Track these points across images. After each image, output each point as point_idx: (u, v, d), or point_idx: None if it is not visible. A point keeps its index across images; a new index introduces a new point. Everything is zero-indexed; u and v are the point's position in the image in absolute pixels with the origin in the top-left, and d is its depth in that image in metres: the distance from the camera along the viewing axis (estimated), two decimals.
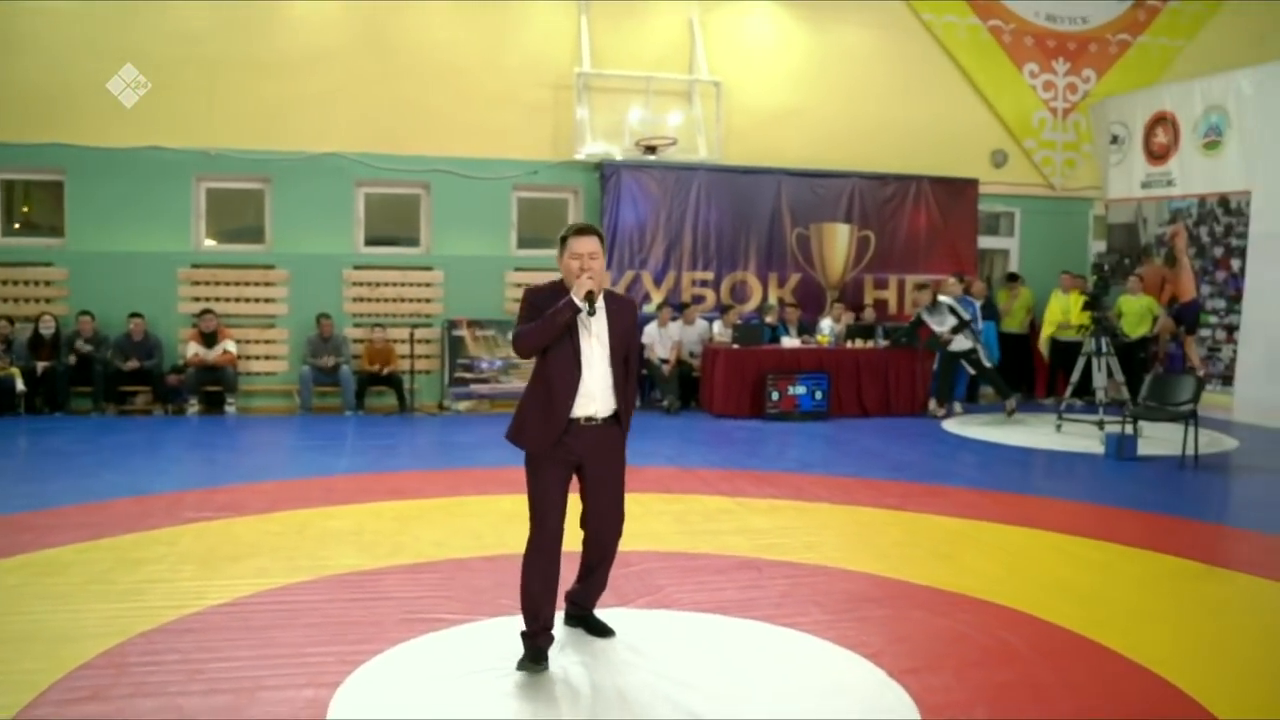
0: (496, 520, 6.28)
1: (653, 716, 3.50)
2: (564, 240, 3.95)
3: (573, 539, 4.09)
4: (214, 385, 10.97)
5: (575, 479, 4.06)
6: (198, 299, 11.27)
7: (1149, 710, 3.66)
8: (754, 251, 12.70)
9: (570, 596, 4.31)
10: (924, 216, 13.13)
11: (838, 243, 12.81)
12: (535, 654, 3.90)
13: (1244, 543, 6.24)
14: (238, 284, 11.43)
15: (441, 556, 5.48)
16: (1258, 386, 11.13)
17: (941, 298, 11.36)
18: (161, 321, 11.11)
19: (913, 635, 4.37)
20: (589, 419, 3.94)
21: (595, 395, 3.93)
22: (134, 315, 10.80)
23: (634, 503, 4.42)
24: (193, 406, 10.91)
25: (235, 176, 11.60)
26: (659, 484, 7.34)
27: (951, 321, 11.19)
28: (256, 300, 11.50)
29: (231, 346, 11.01)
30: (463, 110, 11.93)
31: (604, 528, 4.11)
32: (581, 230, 3.95)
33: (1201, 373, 11.15)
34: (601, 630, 4.29)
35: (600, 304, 3.90)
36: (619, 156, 12.12)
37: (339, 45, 11.60)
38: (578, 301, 3.81)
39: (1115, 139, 13.16)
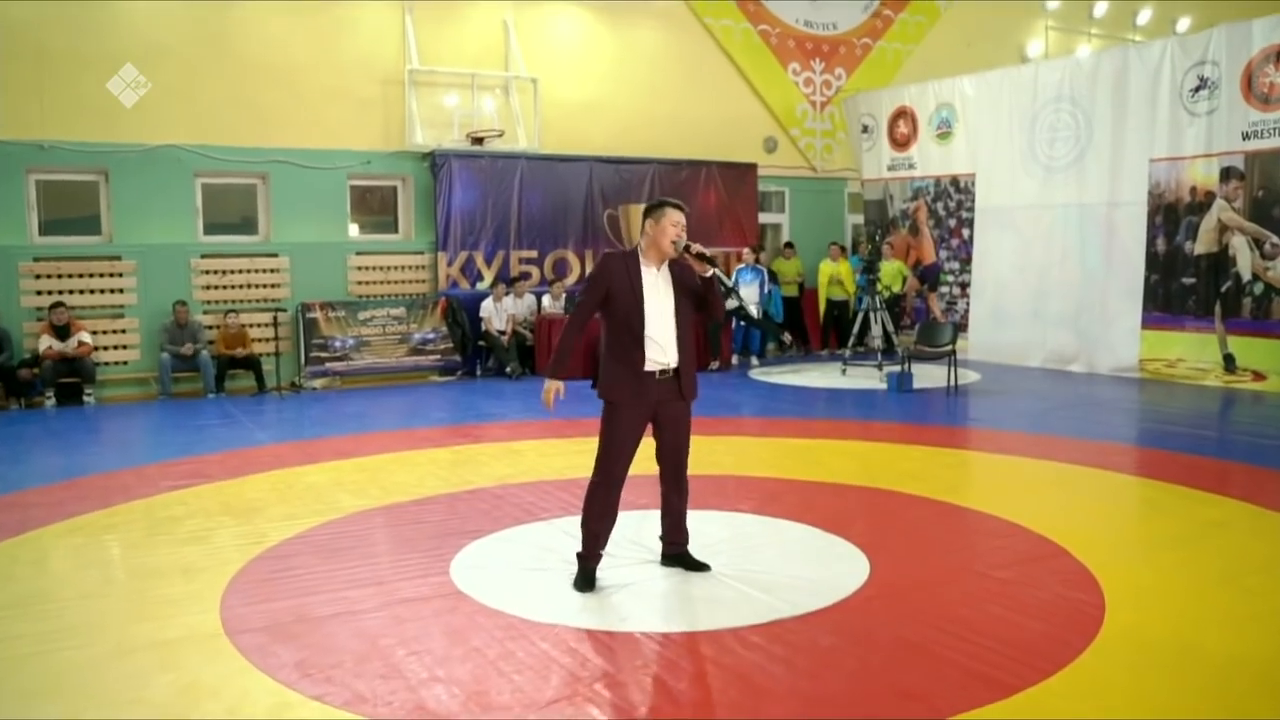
0: (448, 466, 7.49)
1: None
2: (660, 208, 4.58)
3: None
4: (71, 377, 11.19)
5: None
6: (41, 292, 11.39)
7: (983, 526, 5.53)
8: (571, 231, 14.15)
9: (664, 537, 4.95)
10: (714, 196, 15.03)
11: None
12: (587, 576, 4.67)
13: (1009, 439, 8.44)
14: (83, 275, 11.62)
15: (429, 494, 6.65)
16: (986, 332, 13.85)
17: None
18: (4, 316, 11.16)
19: (824, 509, 6.07)
20: (663, 370, 4.60)
21: (666, 349, 4.59)
22: None
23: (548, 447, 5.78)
24: (49, 399, 11.09)
25: (70, 169, 11.73)
26: (557, 431, 8.70)
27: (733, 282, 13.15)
28: (104, 291, 11.73)
29: (87, 338, 11.25)
30: (297, 104, 12.59)
31: (675, 461, 4.77)
32: (677, 205, 4.61)
33: (944, 322, 13.72)
34: (698, 566, 4.89)
35: (665, 268, 4.61)
36: (448, 146, 13.19)
37: (173, 40, 11.93)
38: (683, 254, 4.51)
39: (866, 129, 15.60)
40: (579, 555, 4.79)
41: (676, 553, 4.99)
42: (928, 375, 11.69)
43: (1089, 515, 5.98)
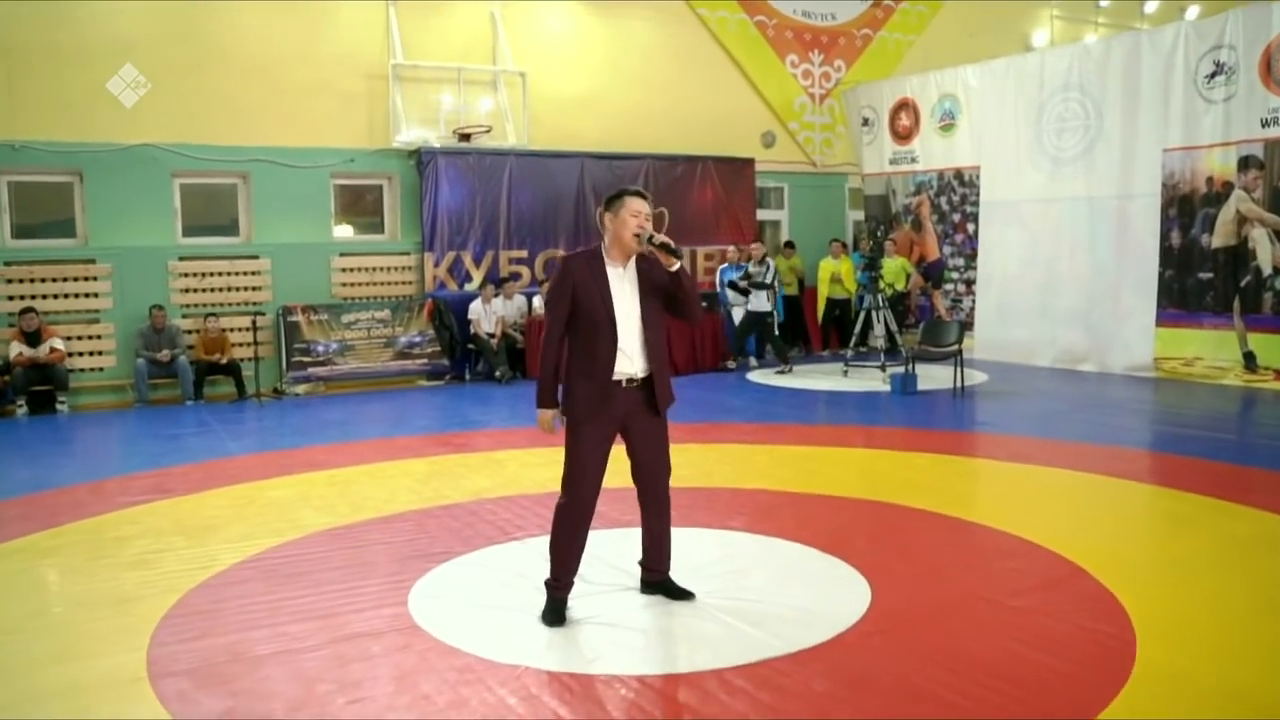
0: (420, 479, 7.05)
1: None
2: (619, 198, 4.19)
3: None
4: (43, 384, 10.77)
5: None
6: (13, 297, 10.97)
7: (994, 545, 5.07)
8: (563, 229, 13.70)
9: (643, 562, 4.50)
10: (710, 193, 14.58)
11: None
12: (556, 607, 4.22)
13: (1019, 444, 7.97)
14: (56, 280, 11.20)
15: (399, 510, 6.20)
16: (992, 329, 13.36)
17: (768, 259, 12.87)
18: None
19: (821, 525, 5.62)
20: (630, 380, 4.17)
21: (633, 357, 4.18)
22: None
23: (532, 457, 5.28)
24: (20, 408, 10.67)
25: (43, 169, 11.31)
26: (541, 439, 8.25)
27: (771, 274, 12.68)
28: (78, 295, 11.31)
29: (59, 344, 10.84)
30: (277, 101, 12.16)
31: (652, 481, 4.33)
32: (638, 193, 4.22)
33: (949, 320, 13.26)
34: (681, 594, 4.44)
35: (631, 266, 4.19)
36: (435, 143, 12.75)
37: (146, 36, 11.51)
38: (643, 244, 4.09)
39: (866, 121, 15.14)
40: (547, 584, 4.34)
41: (657, 579, 4.54)
42: (933, 376, 11.23)
43: (1109, 530, 5.52)
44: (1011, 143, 12.98)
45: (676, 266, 4.15)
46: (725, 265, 13.66)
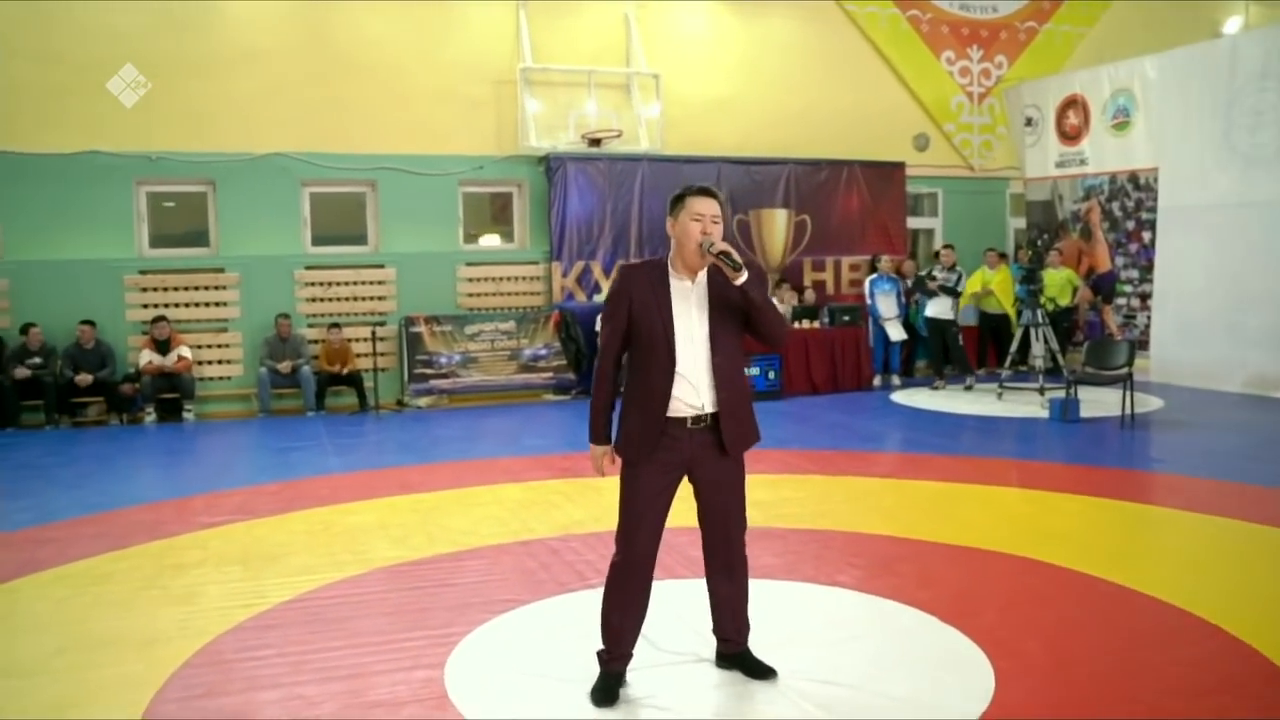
0: (513, 508, 6.51)
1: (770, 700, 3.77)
2: (680, 200, 3.51)
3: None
4: (170, 392, 10.84)
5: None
6: (146, 305, 11.10)
7: (1159, 623, 4.12)
8: None
9: (716, 631, 3.82)
10: (856, 199, 13.65)
11: (776, 227, 13.25)
12: (608, 685, 3.58)
13: (1198, 488, 6.83)
14: (187, 288, 11.29)
15: (476, 544, 5.67)
16: (1171, 349, 11.96)
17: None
18: (109, 329, 10.90)
19: (945, 585, 4.77)
20: (697, 418, 3.49)
21: (699, 387, 3.49)
22: (84, 323, 10.58)
23: None
24: (149, 415, 10.76)
25: (178, 180, 11.44)
26: None
27: (958, 281, 11.79)
28: (208, 304, 11.37)
29: (187, 352, 10.89)
30: (405, 107, 11.97)
31: (720, 536, 3.65)
32: (703, 190, 3.51)
33: (1119, 339, 11.94)
34: (761, 671, 3.74)
35: (702, 281, 3.50)
36: (564, 149, 12.32)
37: (276, 44, 11.51)
38: (716, 259, 3.39)
39: (1030, 121, 13.91)
40: (599, 655, 3.69)
41: (733, 652, 3.83)
42: (1098, 402, 10.03)
43: None
44: (1195, 141, 11.58)
45: (742, 280, 3.43)
46: (875, 276, 12.72)
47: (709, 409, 3.51)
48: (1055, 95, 13.50)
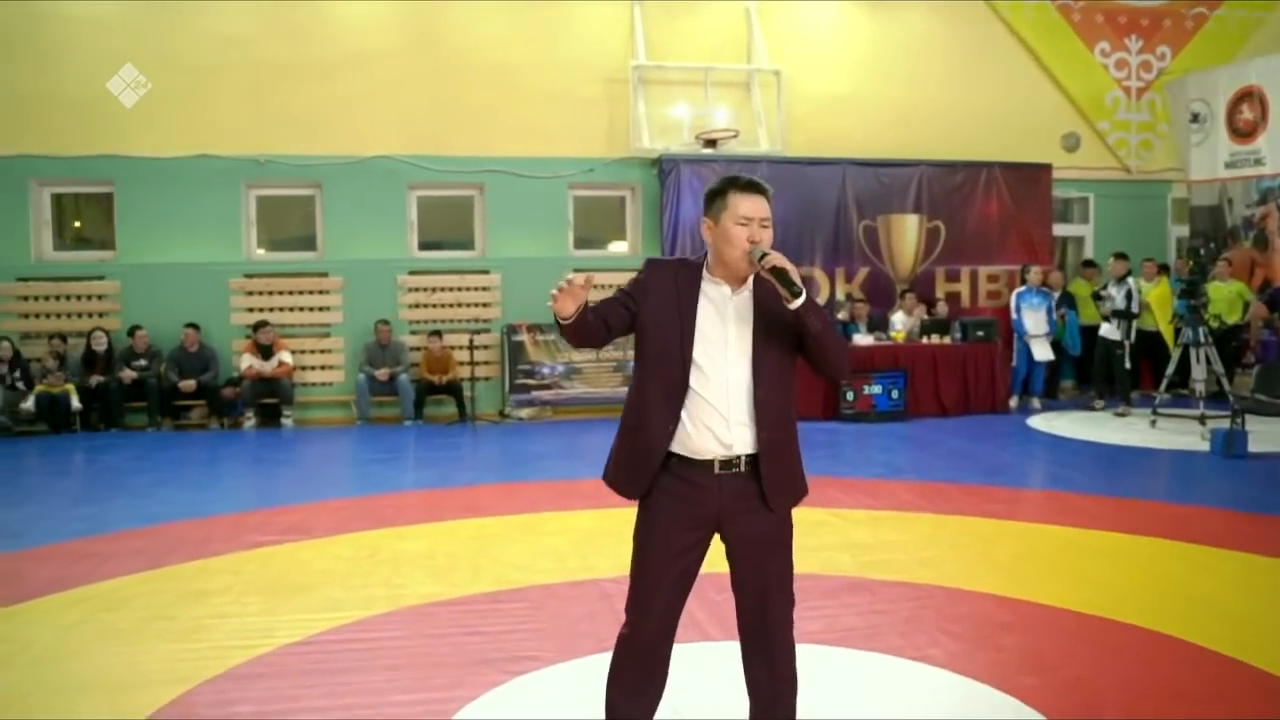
0: (579, 539, 5.91)
1: None
2: (719, 196, 2.79)
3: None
4: (270, 398, 10.71)
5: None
6: (251, 309, 11.02)
7: None
8: (820, 245, 12.17)
9: None
10: (995, 204, 12.53)
11: (907, 234, 12.28)
12: None
13: None
14: (291, 293, 11.16)
15: (525, 583, 5.08)
16: None
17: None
18: (214, 333, 10.86)
19: (1059, 669, 3.90)
20: (729, 461, 2.75)
21: (731, 423, 2.74)
22: (189, 326, 10.56)
23: None
24: (249, 420, 10.66)
25: (286, 183, 11.35)
26: None
27: (1127, 297, 10.82)
28: (311, 309, 11.23)
29: (287, 358, 10.75)
30: (514, 108, 11.56)
31: (757, 612, 2.83)
32: (750, 185, 2.76)
33: None
34: None
35: (746, 292, 2.79)
36: (677, 150, 11.70)
37: (384, 46, 11.30)
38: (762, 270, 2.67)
39: (1196, 117, 12.52)
40: None
41: None
42: (1270, 435, 8.76)
43: None
44: None
45: (797, 304, 2.67)
46: (1023, 289, 11.60)
47: (743, 450, 2.75)
48: (1227, 87, 12.09)
